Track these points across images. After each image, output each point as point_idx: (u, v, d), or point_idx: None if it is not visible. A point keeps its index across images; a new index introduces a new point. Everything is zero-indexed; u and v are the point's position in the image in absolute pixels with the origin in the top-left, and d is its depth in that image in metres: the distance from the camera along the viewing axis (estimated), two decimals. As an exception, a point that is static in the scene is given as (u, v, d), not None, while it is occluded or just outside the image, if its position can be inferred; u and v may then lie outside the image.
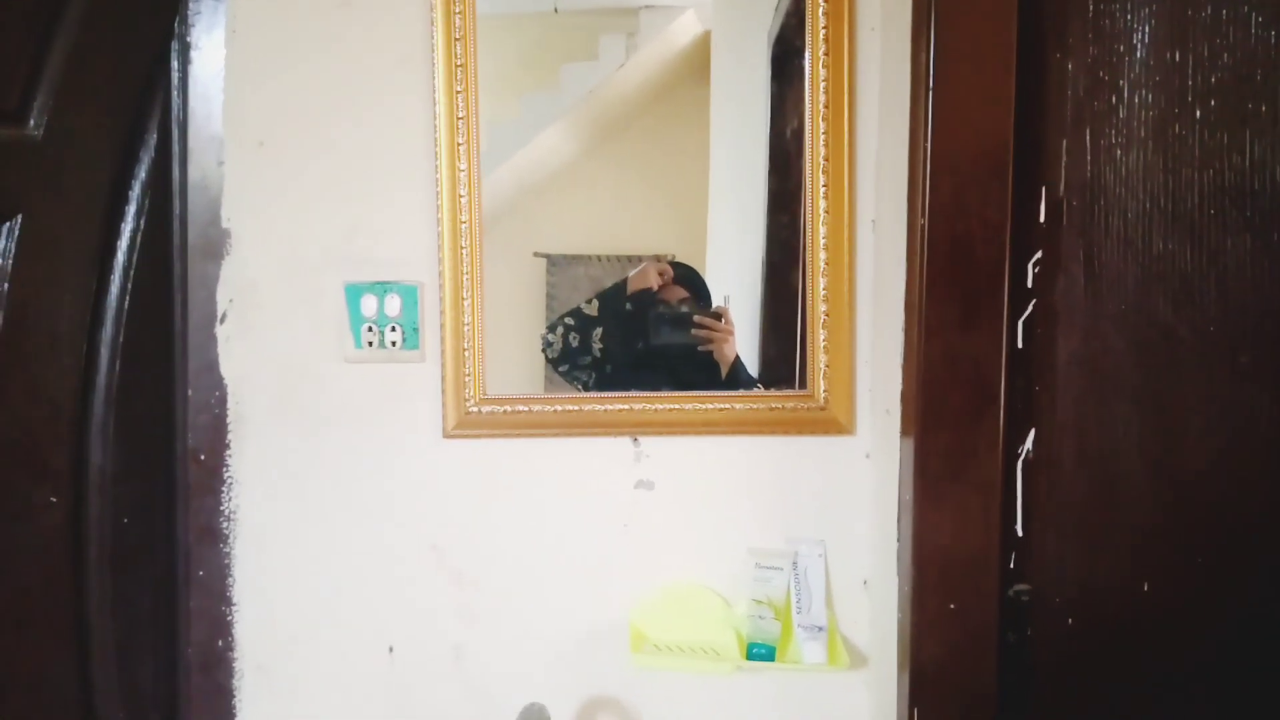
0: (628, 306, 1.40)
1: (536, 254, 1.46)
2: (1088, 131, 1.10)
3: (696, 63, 1.44)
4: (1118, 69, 1.08)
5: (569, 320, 1.40)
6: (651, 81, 1.50)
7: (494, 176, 1.41)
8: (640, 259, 1.44)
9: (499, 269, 1.40)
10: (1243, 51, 1.01)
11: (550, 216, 1.48)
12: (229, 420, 1.37)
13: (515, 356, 1.42)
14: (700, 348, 1.40)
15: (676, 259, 1.44)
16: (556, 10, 1.47)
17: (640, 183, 1.49)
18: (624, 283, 1.41)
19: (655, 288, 1.40)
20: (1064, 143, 1.12)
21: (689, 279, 1.42)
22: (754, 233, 1.44)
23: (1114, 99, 1.09)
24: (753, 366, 1.42)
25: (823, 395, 1.36)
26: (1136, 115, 1.07)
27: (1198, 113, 1.04)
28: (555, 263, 1.46)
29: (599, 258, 1.46)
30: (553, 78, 1.51)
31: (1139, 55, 1.07)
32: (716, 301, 1.41)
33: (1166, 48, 1.05)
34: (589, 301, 1.41)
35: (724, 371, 1.41)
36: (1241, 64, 1.01)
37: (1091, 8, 1.10)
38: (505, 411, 1.35)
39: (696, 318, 1.40)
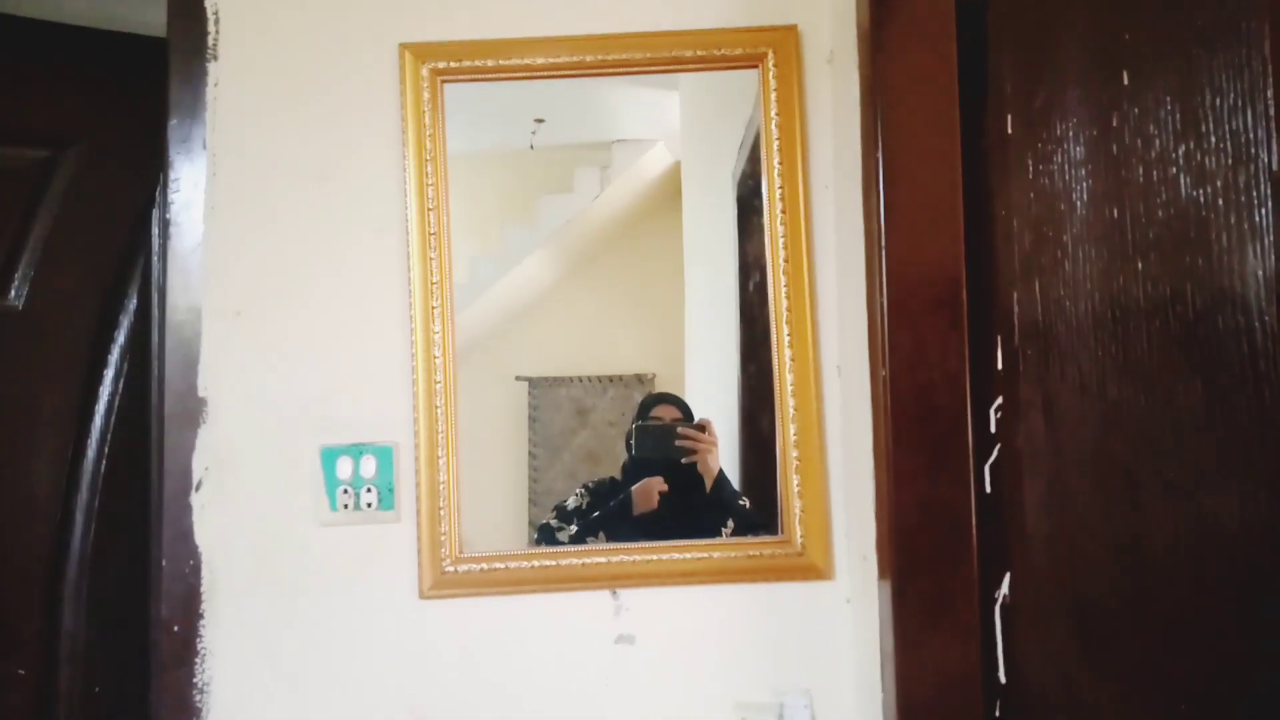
0: (631, 517, 1.41)
1: (518, 377, 1.48)
2: (1037, 283, 1.14)
3: (668, 191, 1.50)
4: (1060, 225, 1.13)
5: (573, 527, 1.41)
6: (626, 210, 1.55)
7: (475, 306, 1.45)
8: (621, 379, 1.47)
9: (481, 393, 1.42)
10: (1175, 209, 1.06)
11: (531, 341, 1.51)
12: (203, 589, 1.35)
13: (498, 490, 1.43)
14: (684, 460, 1.41)
15: (657, 378, 1.46)
16: (533, 147, 1.53)
17: (618, 306, 1.53)
18: (628, 500, 1.41)
19: (656, 505, 1.41)
20: (1014, 294, 1.16)
21: (677, 404, 1.45)
22: (730, 369, 1.47)
23: (1059, 253, 1.13)
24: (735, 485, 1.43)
25: (799, 541, 1.36)
26: (1082, 269, 1.11)
27: (1139, 265, 1.09)
28: (537, 385, 1.48)
29: (580, 379, 1.48)
30: (530, 210, 1.56)
31: (1079, 212, 1.12)
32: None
33: (1105, 206, 1.10)
34: (580, 495, 1.42)
35: (708, 484, 1.41)
36: (1175, 220, 1.06)
37: (1031, 167, 1.15)
38: (482, 570, 1.34)
39: (681, 429, 1.42)
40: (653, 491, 1.41)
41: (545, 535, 1.41)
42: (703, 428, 1.42)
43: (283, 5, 1.43)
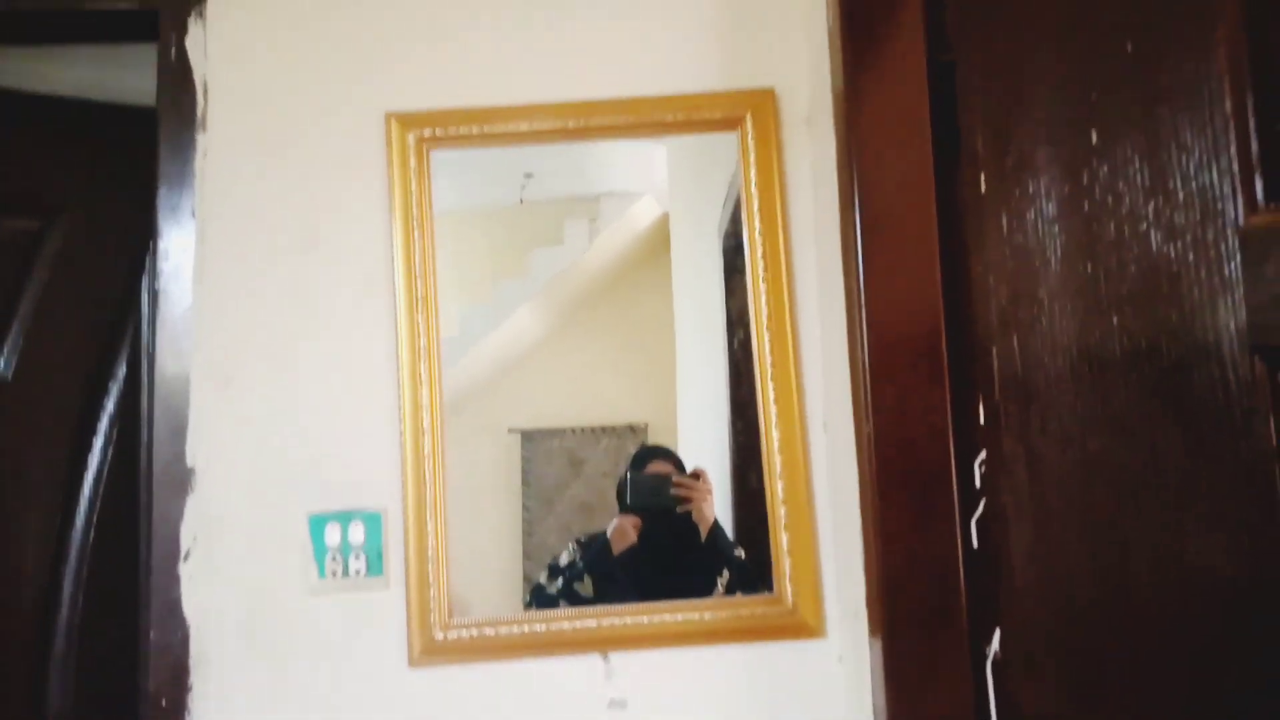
0: (610, 564, 1.41)
1: (511, 429, 1.48)
2: (1015, 338, 1.16)
3: (657, 242, 1.52)
4: (1036, 280, 1.14)
5: (559, 585, 1.41)
6: (616, 261, 1.57)
7: (467, 359, 1.45)
8: (614, 429, 1.47)
9: (474, 446, 1.42)
10: (1147, 264, 1.08)
11: (524, 392, 1.52)
12: (191, 660, 1.34)
13: (492, 545, 1.43)
14: (679, 509, 1.41)
15: (650, 428, 1.47)
16: (522, 201, 1.55)
17: (610, 356, 1.53)
18: (606, 544, 1.42)
19: (635, 540, 1.42)
20: (994, 349, 1.17)
21: (670, 457, 1.45)
22: (721, 420, 1.48)
23: (1035, 308, 1.14)
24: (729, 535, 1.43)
25: (790, 599, 1.36)
26: (1058, 323, 1.13)
27: (1115, 319, 1.10)
28: (529, 437, 1.48)
29: (573, 430, 1.49)
30: (521, 263, 1.57)
31: (1054, 268, 1.13)
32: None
33: (1078, 261, 1.12)
34: (571, 552, 1.42)
35: (703, 533, 1.41)
36: (1147, 275, 1.08)
37: (1005, 224, 1.17)
38: (472, 636, 1.34)
39: (676, 478, 1.42)
40: (627, 529, 1.41)
41: (538, 594, 1.40)
42: (697, 476, 1.42)
43: (271, 76, 1.45)
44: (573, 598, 1.39)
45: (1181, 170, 1.07)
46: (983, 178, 1.19)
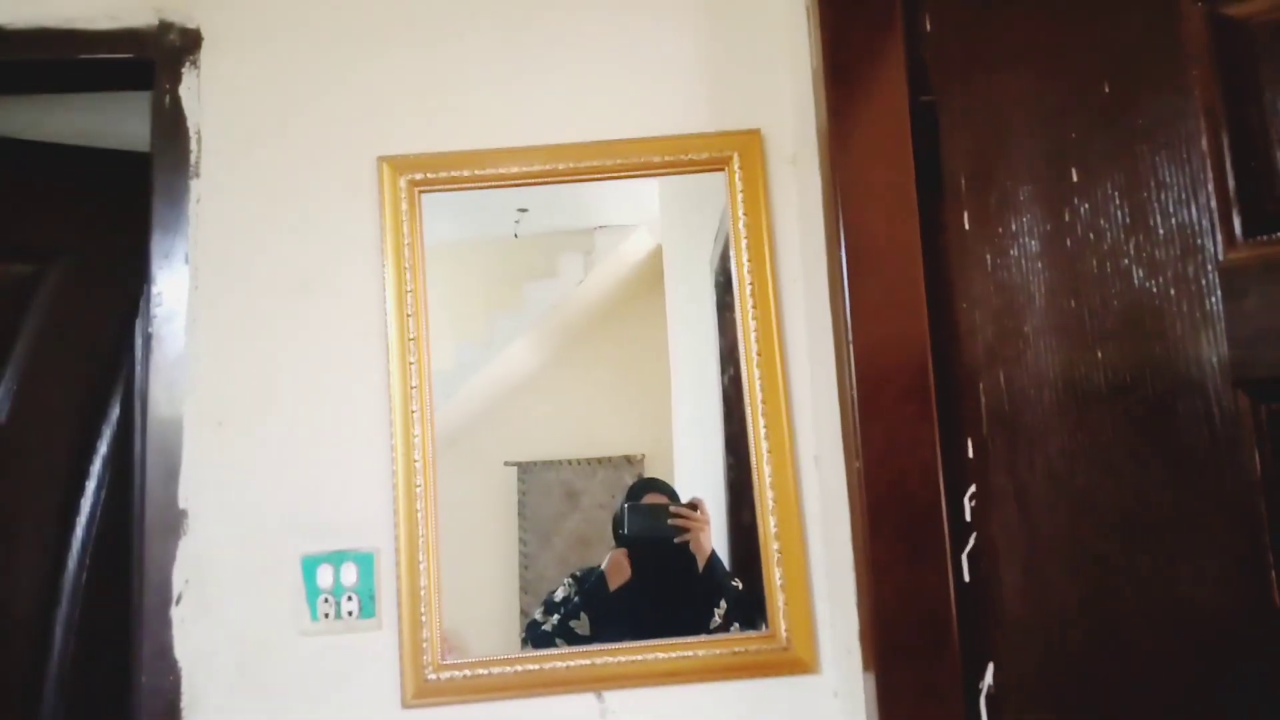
0: (608, 597, 1.41)
1: (507, 463, 1.48)
2: (1001, 374, 1.17)
3: (651, 273, 1.52)
4: (1021, 316, 1.16)
5: (555, 622, 1.41)
6: (610, 293, 1.57)
7: (462, 392, 1.45)
8: (610, 460, 1.47)
9: (470, 479, 1.42)
10: (1130, 299, 1.09)
11: (519, 425, 1.52)
12: (183, 705, 1.33)
13: (489, 580, 1.42)
14: (677, 539, 1.41)
15: (646, 459, 1.47)
16: (516, 235, 1.56)
17: (606, 388, 1.54)
18: (602, 578, 1.42)
19: (629, 575, 1.42)
20: (981, 384, 1.18)
21: (664, 490, 1.45)
22: (716, 452, 1.48)
23: (1021, 344, 1.16)
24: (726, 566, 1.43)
25: (784, 635, 1.36)
26: (1044, 358, 1.14)
27: (1099, 354, 1.11)
28: (526, 470, 1.48)
29: (569, 462, 1.48)
30: (516, 295, 1.58)
31: (1038, 304, 1.15)
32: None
33: (1062, 297, 1.13)
34: (567, 587, 1.42)
35: (701, 564, 1.41)
36: (1130, 310, 1.09)
37: (989, 261, 1.19)
38: (465, 676, 1.33)
39: (673, 508, 1.42)
40: (622, 563, 1.41)
41: (532, 631, 1.40)
42: (695, 506, 1.42)
43: (263, 123, 1.47)
44: (569, 635, 1.39)
45: (1161, 207, 1.09)
46: (966, 215, 1.21)
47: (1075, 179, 1.15)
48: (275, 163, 1.46)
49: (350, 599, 1.34)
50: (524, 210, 1.56)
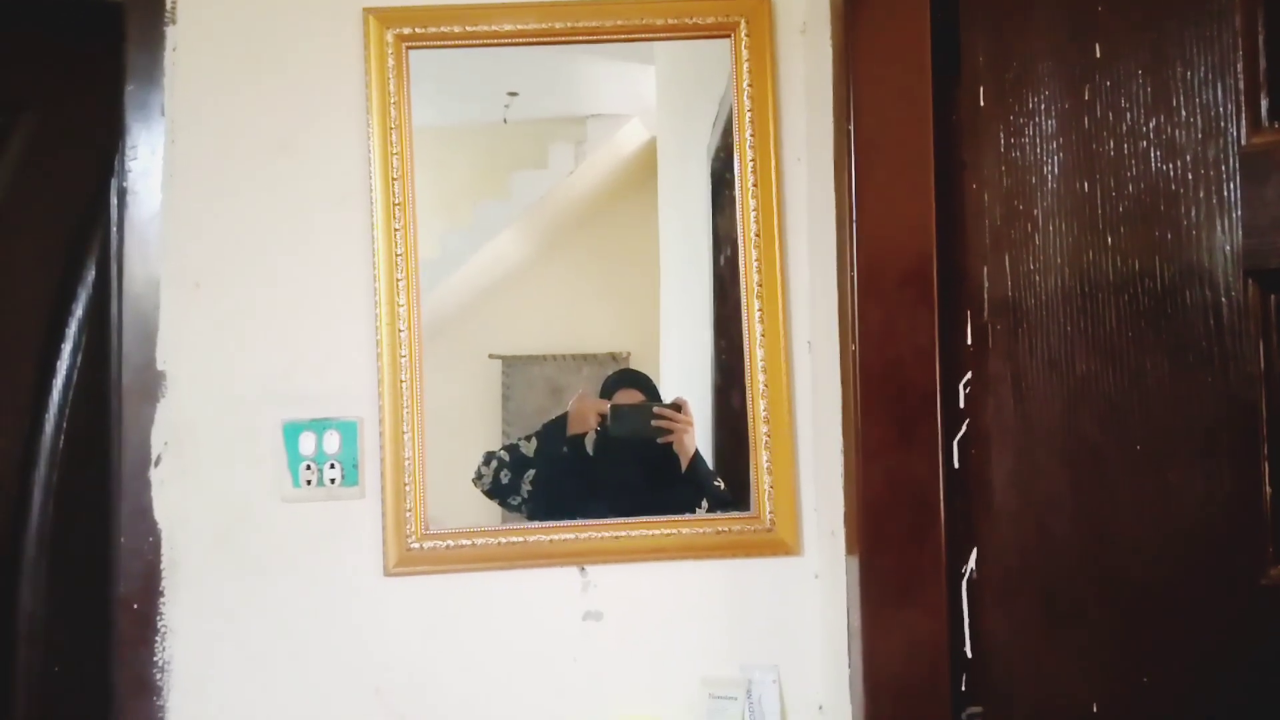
0: (564, 450, 1.40)
1: (491, 355, 1.47)
2: (1006, 258, 1.14)
3: (644, 167, 1.49)
4: (1031, 199, 1.12)
5: (503, 455, 1.40)
6: (601, 186, 1.54)
7: (447, 283, 1.43)
8: (595, 357, 1.46)
9: (454, 371, 1.40)
10: (1146, 183, 1.06)
11: (505, 319, 1.50)
12: (163, 566, 1.33)
13: (470, 462, 1.41)
14: (660, 439, 1.40)
15: (632, 356, 1.45)
16: (505, 121, 1.51)
17: (593, 283, 1.52)
18: (563, 420, 1.41)
19: (596, 428, 1.40)
20: (984, 269, 1.15)
21: (640, 383, 1.43)
22: (704, 348, 1.46)
23: (1029, 227, 1.12)
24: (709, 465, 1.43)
25: (768, 517, 1.36)
26: (1052, 243, 1.11)
27: (1109, 240, 1.08)
28: (510, 364, 1.47)
29: (554, 357, 1.47)
30: (504, 185, 1.54)
31: (1050, 186, 1.11)
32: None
33: (1075, 179, 1.10)
34: (527, 439, 1.41)
35: (684, 464, 1.41)
36: (1145, 194, 1.06)
37: (1003, 141, 1.15)
38: (448, 546, 1.33)
39: (656, 409, 1.41)
40: (587, 413, 1.40)
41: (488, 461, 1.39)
42: (679, 407, 1.41)
43: (243, -32, 1.39)
44: (509, 491, 1.39)
45: (1185, 86, 1.04)
46: (982, 92, 1.16)
47: (1098, 54, 1.09)
48: (256, 11, 1.38)
49: (333, 467, 1.33)
50: (514, 94, 1.50)
